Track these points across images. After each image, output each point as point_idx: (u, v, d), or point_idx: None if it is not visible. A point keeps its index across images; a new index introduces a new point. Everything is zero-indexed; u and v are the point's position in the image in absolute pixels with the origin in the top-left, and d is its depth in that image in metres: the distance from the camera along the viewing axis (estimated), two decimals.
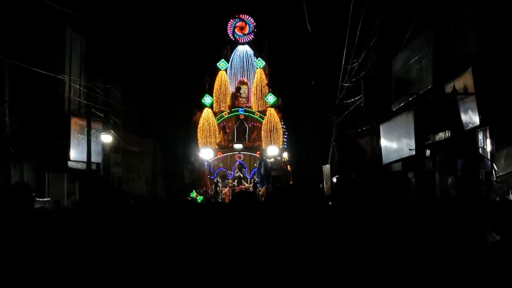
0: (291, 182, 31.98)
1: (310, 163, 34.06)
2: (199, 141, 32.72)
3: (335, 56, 23.78)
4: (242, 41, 34.58)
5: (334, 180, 27.47)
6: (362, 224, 5.86)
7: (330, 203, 12.57)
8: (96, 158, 24.78)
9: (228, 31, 34.50)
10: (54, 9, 19.39)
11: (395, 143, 20.81)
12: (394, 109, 20.54)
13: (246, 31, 34.47)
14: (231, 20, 34.47)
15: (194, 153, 33.16)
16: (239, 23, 34.52)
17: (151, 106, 36.51)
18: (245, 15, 34.49)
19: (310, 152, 35.56)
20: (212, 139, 32.72)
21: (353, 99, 24.18)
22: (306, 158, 35.20)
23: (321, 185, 29.82)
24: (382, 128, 22.59)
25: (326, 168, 29.59)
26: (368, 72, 22.66)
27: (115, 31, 25.06)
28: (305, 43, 30.03)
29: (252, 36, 34.56)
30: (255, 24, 34.47)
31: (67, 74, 22.88)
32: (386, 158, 22.07)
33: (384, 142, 22.38)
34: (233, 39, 34.57)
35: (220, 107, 33.55)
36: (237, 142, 32.97)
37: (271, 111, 32.53)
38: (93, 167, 24.36)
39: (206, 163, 32.23)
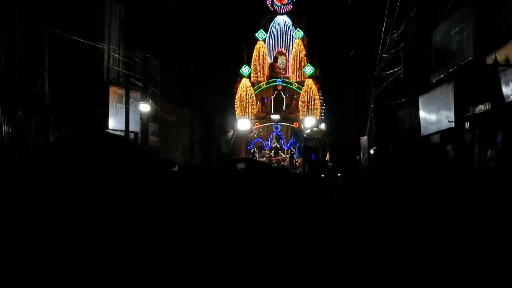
0: (328, 153, 32.55)
1: (348, 135, 34.05)
2: (236, 112, 32.91)
3: (375, 27, 23.64)
4: (281, 11, 34.41)
5: (372, 151, 27.45)
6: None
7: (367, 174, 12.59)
8: (134, 127, 24.99)
9: (267, 1, 34.35)
10: None
11: (434, 115, 20.61)
12: (433, 81, 20.32)
13: (285, 1, 34.29)
14: None
15: (231, 123, 33.30)
16: None
17: (189, 75, 36.64)
18: None
19: (348, 124, 35.58)
20: (249, 110, 32.88)
21: (392, 71, 23.99)
22: (344, 130, 35.24)
23: (358, 157, 29.86)
24: (421, 100, 22.36)
25: (364, 139, 29.58)
26: (408, 43, 22.44)
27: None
28: (344, 13, 29.81)
29: (291, 7, 34.35)
30: None
31: (106, 43, 23.08)
32: (425, 130, 21.89)
33: (423, 114, 22.17)
34: (272, 9, 34.42)
35: (258, 77, 33.58)
36: (275, 113, 33.04)
37: (309, 82, 32.46)
38: (131, 136, 24.58)
39: (249, 135, 32.62)
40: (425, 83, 21.42)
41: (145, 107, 24.78)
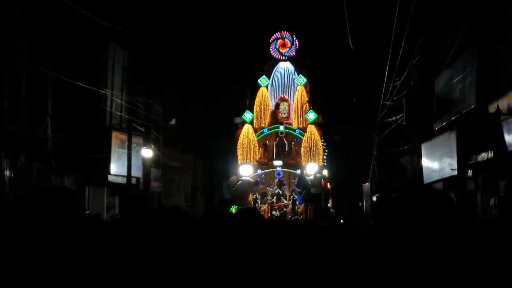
0: (330, 200, 32.25)
1: (350, 181, 34.02)
2: (238, 158, 32.75)
3: (377, 74, 23.84)
4: (284, 57, 34.56)
5: (374, 199, 27.46)
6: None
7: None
8: (136, 172, 25.16)
9: (270, 47, 34.54)
10: (97, 24, 19.82)
11: (436, 162, 20.72)
12: (436, 128, 20.49)
13: (288, 48, 34.46)
14: (273, 37, 34.51)
15: (234, 169, 33.20)
16: (281, 40, 34.55)
17: (192, 121, 36.85)
18: (287, 32, 34.55)
19: (350, 170, 35.52)
20: (252, 156, 32.73)
21: (394, 118, 24.17)
22: (346, 176, 35.16)
23: (360, 204, 29.86)
24: (423, 147, 22.54)
25: (366, 186, 29.54)
26: (410, 90, 22.67)
27: (158, 46, 25.50)
28: (347, 61, 30.08)
29: (294, 53, 34.52)
30: (297, 41, 34.49)
31: (109, 88, 23.38)
32: (428, 178, 21.98)
33: (425, 162, 22.33)
34: (275, 55, 34.59)
35: (260, 123, 33.57)
36: (277, 159, 32.80)
37: (312, 128, 32.34)
38: (133, 181, 24.69)
39: (256, 181, 32.35)
40: (427, 131, 21.61)
41: (147, 153, 24.91)
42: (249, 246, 4.03)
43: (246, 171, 32.16)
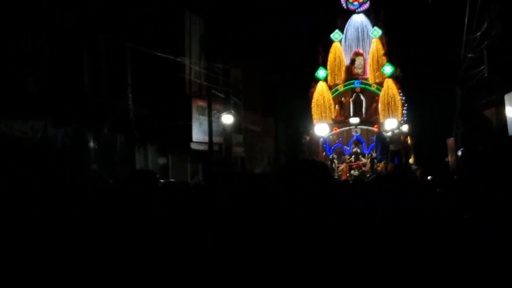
0: (412, 156, 32.77)
1: (433, 136, 34.05)
2: (313, 117, 33.25)
3: (457, 24, 24.26)
4: (357, 10, 34.91)
5: (459, 153, 27.82)
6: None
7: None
8: (217, 138, 26.49)
9: (342, 1, 34.89)
10: None
11: None
12: None
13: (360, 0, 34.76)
14: None
15: (308, 129, 33.78)
16: None
17: (271, 83, 37.92)
18: None
19: (432, 125, 35.65)
20: (327, 114, 33.20)
21: (477, 70, 24.52)
22: (428, 131, 35.35)
23: (446, 159, 29.95)
24: (507, 98, 23.01)
25: (451, 141, 29.87)
26: (492, 41, 23.03)
27: (232, 11, 26.56)
28: (425, 10, 29.90)
29: (368, 5, 34.84)
30: None
31: (187, 57, 24.68)
32: None
33: (509, 113, 22.82)
34: (347, 8, 34.94)
35: (335, 80, 33.89)
36: (354, 116, 33.23)
37: (389, 83, 32.51)
38: (215, 147, 25.96)
39: (321, 139, 32.83)
40: (510, 81, 22.08)
41: (228, 118, 26.30)
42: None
43: (321, 130, 32.65)
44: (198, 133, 25.19)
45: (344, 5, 35.09)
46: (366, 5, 35.03)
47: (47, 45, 20.25)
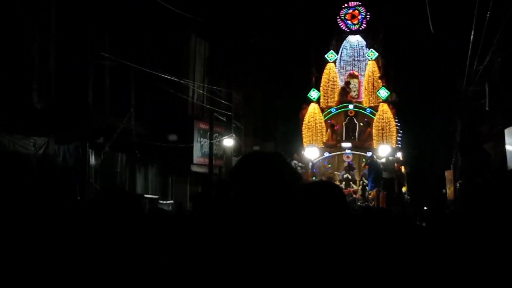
0: (405, 185, 32.72)
1: (430, 166, 34.70)
2: (304, 139, 33.30)
3: (458, 53, 25.28)
4: (354, 30, 35.37)
5: (458, 185, 28.31)
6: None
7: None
8: (218, 161, 28.13)
9: (338, 20, 35.37)
10: (179, 17, 22.23)
11: None
12: None
13: (358, 20, 35.33)
14: (342, 9, 35.34)
15: (298, 152, 33.46)
16: (351, 11, 35.39)
17: (273, 108, 38.97)
18: (357, 3, 35.38)
19: (429, 154, 36.19)
20: (318, 137, 33.17)
21: (477, 102, 25.57)
22: (425, 161, 35.74)
23: (444, 191, 30.63)
24: (507, 132, 23.89)
25: (449, 173, 30.32)
26: (493, 75, 24.23)
27: (237, 36, 27.77)
28: (425, 34, 28.94)
29: (365, 25, 35.34)
30: (368, 12, 35.17)
31: (191, 79, 26.02)
32: None
33: (509, 147, 23.74)
34: (344, 28, 35.46)
35: (327, 102, 34.14)
36: (346, 141, 33.24)
37: (384, 107, 32.50)
38: (215, 170, 27.10)
39: (310, 164, 32.64)
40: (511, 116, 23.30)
41: (229, 142, 27.83)
42: None
43: (311, 154, 32.50)
44: (199, 156, 26.36)
45: (341, 24, 35.64)
46: (364, 26, 35.52)
47: (53, 61, 21.21)
